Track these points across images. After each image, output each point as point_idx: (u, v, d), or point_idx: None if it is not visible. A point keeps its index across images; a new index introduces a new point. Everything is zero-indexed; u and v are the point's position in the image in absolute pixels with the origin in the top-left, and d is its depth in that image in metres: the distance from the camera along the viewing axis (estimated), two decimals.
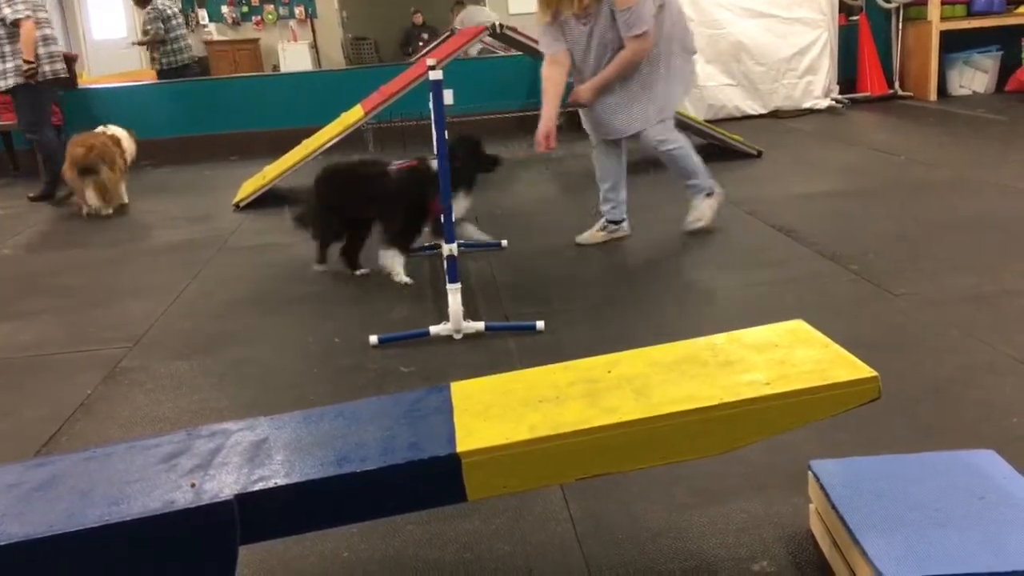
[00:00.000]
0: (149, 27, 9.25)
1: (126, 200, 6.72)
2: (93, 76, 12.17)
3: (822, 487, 1.85)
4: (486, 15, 9.87)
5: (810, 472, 1.94)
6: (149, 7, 9.16)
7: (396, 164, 4.26)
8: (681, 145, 4.54)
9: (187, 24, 13.22)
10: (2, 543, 1.56)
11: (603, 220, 4.67)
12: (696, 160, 4.58)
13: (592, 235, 4.66)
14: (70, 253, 5.48)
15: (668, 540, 2.03)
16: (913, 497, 1.78)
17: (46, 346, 3.74)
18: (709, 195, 4.62)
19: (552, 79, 4.41)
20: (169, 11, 9.48)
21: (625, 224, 4.69)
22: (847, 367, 1.73)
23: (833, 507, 1.78)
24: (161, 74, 9.67)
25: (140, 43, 9.58)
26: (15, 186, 7.40)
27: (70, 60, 9.42)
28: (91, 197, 6.31)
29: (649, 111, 4.39)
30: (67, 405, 3.08)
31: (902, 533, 1.67)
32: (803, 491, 2.01)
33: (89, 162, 6.27)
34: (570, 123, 7.98)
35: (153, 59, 9.69)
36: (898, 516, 1.72)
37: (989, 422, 2.48)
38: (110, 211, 6.43)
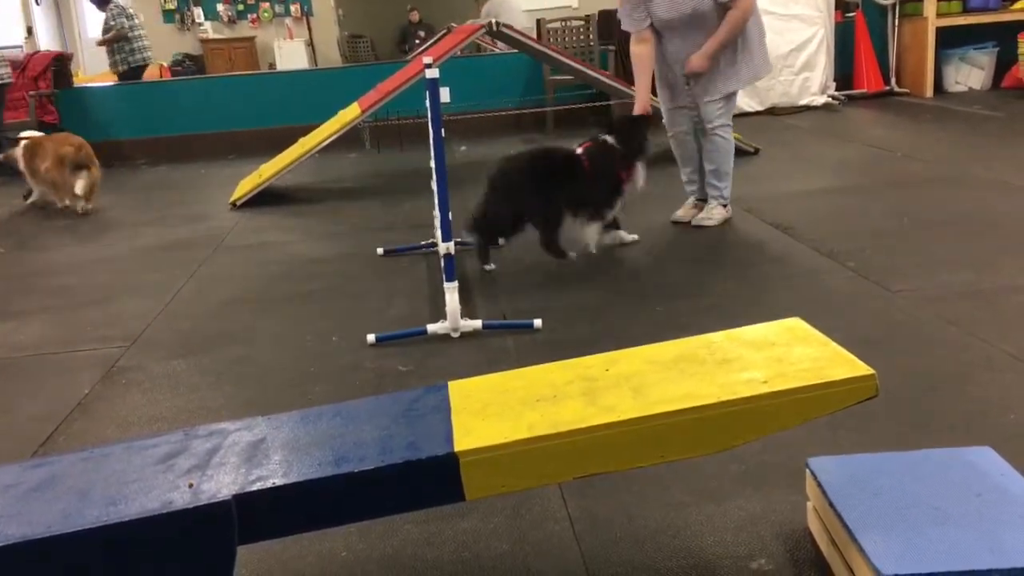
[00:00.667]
0: (113, 23, 9.17)
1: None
2: (88, 75, 12.17)
3: (820, 485, 1.85)
4: (509, 8, 9.55)
5: (808, 470, 1.94)
6: (112, 3, 9.13)
7: (578, 147, 4.32)
8: (731, 141, 4.69)
9: (183, 22, 13.27)
10: (0, 544, 1.56)
11: (693, 199, 4.86)
12: (731, 168, 4.74)
13: (686, 211, 4.85)
14: (66, 252, 5.47)
15: (666, 538, 2.03)
16: (911, 494, 1.78)
17: (43, 346, 3.74)
18: (724, 206, 4.77)
19: (641, 57, 4.56)
20: (131, 9, 9.44)
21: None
22: (844, 365, 1.73)
23: (831, 505, 1.78)
24: (122, 76, 9.48)
25: (103, 42, 9.44)
26: (9, 186, 7.38)
27: (65, 59, 9.42)
28: (80, 188, 6.30)
29: (743, 73, 4.58)
30: (64, 405, 3.08)
31: (900, 530, 1.67)
32: (801, 489, 2.02)
33: (80, 160, 6.32)
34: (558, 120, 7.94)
35: (114, 63, 9.41)
36: (896, 513, 1.72)
37: (986, 419, 2.48)
38: (91, 207, 6.44)
